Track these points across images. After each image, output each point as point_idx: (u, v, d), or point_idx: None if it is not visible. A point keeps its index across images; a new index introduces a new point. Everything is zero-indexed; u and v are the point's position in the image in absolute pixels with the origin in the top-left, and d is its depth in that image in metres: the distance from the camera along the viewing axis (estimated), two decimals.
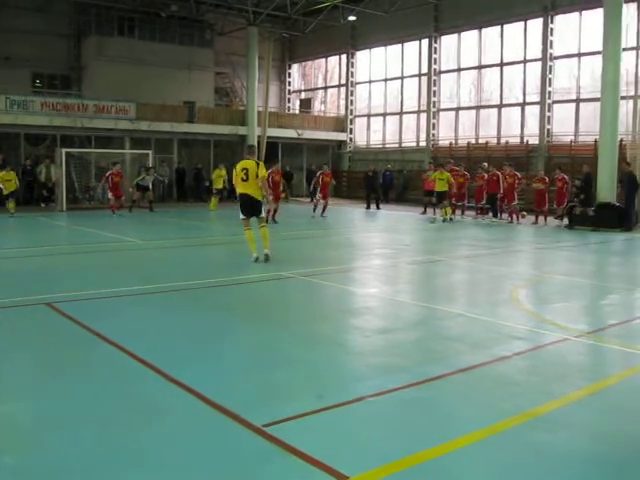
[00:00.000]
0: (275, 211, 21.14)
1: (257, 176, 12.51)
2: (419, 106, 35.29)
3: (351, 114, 39.32)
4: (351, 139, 39.39)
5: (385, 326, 8.09)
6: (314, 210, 23.79)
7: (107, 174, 24.03)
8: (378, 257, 14.51)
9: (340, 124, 39.30)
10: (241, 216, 12.84)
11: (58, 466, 4.21)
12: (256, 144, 33.84)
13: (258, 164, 12.66)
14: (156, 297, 9.66)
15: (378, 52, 37.37)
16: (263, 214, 13.03)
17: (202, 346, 6.98)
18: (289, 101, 43.61)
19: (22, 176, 28.33)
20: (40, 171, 28.39)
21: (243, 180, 12.58)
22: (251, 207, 12.74)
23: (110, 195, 23.84)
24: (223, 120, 34.76)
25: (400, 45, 35.76)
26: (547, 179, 23.09)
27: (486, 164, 25.13)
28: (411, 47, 35.34)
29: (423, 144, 34.69)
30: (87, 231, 18.53)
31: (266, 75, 35.73)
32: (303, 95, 43.74)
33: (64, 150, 26.55)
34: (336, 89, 41.05)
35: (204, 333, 7.52)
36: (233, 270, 12.26)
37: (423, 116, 34.89)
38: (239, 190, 12.73)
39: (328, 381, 5.91)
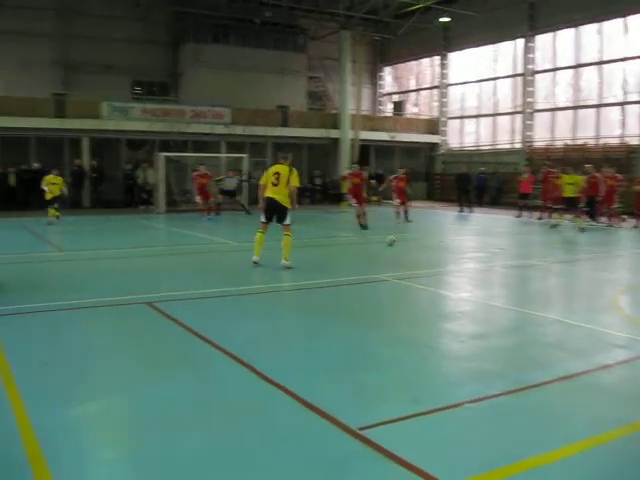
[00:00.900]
0: (362, 215, 21.16)
1: (288, 182, 12.22)
2: (514, 107, 34.63)
3: (444, 116, 38.93)
4: (444, 141, 39.00)
5: (480, 331, 7.99)
6: (397, 216, 23.10)
7: (194, 175, 23.86)
8: (472, 260, 14.33)
9: (433, 126, 38.97)
10: (262, 219, 12.53)
11: (159, 461, 4.34)
12: (349, 147, 34.18)
13: (291, 171, 12.34)
14: (251, 298, 9.82)
15: (471, 53, 36.87)
16: (288, 221, 12.42)
17: (297, 347, 7.07)
18: (381, 104, 43.55)
19: (123, 180, 29.40)
20: (138, 175, 29.32)
21: (273, 184, 12.25)
22: (275, 212, 12.38)
23: (198, 198, 23.30)
24: (315, 124, 35.05)
25: (494, 45, 35.18)
26: None
27: (589, 166, 24.38)
28: (505, 47, 34.72)
29: (518, 146, 34.00)
30: (183, 233, 19.00)
31: (358, 78, 35.79)
32: (395, 98, 43.57)
33: (162, 154, 27.31)
34: (429, 91, 40.75)
35: (299, 334, 7.63)
36: (328, 272, 12.34)
37: (518, 117, 34.22)
38: (267, 193, 12.33)
39: (424, 385, 5.88)
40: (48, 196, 21.04)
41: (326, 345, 7.18)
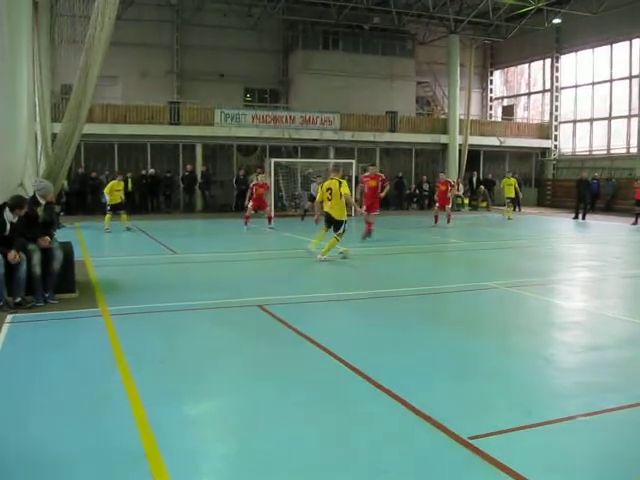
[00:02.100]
0: (448, 215, 22.17)
1: (341, 195, 13.59)
2: (629, 110, 33.39)
3: (556, 120, 37.97)
4: (556, 146, 38.03)
5: (595, 342, 7.78)
6: (435, 220, 22.93)
7: (252, 185, 22.13)
8: (585, 269, 13.95)
9: (544, 131, 38.08)
10: (323, 224, 14.30)
11: (271, 461, 4.46)
12: (457, 153, 33.88)
13: (340, 183, 13.69)
14: (359, 303, 9.91)
15: (585, 55, 35.82)
16: (340, 231, 13.75)
17: (405, 354, 7.09)
18: (491, 108, 42.89)
19: (235, 185, 30.12)
20: (252, 180, 29.90)
21: (328, 199, 13.78)
22: (331, 223, 13.96)
23: (250, 204, 21.30)
24: (424, 129, 34.93)
25: (609, 46, 34.03)
26: None
27: None
28: (621, 48, 33.51)
29: (634, 151, 32.78)
30: (293, 237, 19.28)
31: (468, 82, 35.42)
32: (505, 102, 42.85)
33: (273, 160, 27.83)
34: (540, 95, 39.81)
35: (406, 341, 7.64)
36: (437, 279, 12.32)
37: (634, 121, 32.97)
38: (325, 208, 14.02)
39: (535, 396, 5.80)
40: (109, 203, 20.64)
41: (437, 353, 7.17)
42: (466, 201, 33.80)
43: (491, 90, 42.96)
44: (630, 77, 33.14)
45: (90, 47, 10.15)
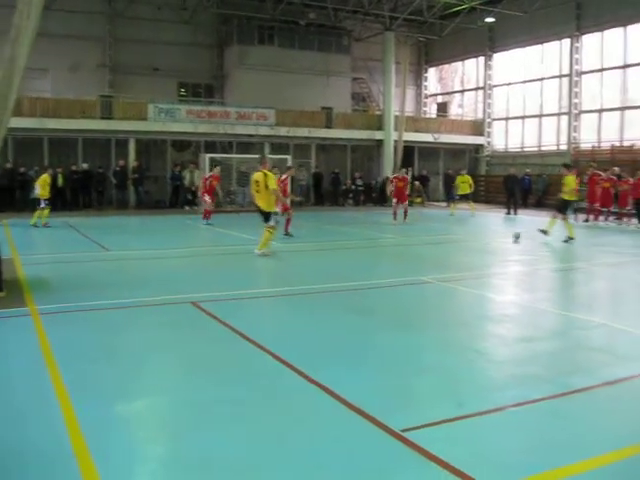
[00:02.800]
0: (404, 212, 22.02)
1: (267, 187, 13.60)
2: (559, 108, 34.19)
3: (489, 117, 38.62)
4: (489, 143, 38.68)
5: (525, 335, 7.93)
6: (395, 217, 22.66)
7: (206, 177, 22.44)
8: (517, 263, 14.21)
9: (477, 128, 38.70)
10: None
11: (205, 460, 4.39)
12: (392, 149, 34.15)
13: (267, 176, 13.72)
14: (295, 299, 9.89)
15: (517, 53, 36.49)
16: (271, 223, 13.92)
17: (340, 348, 7.08)
18: (425, 105, 43.37)
19: (169, 180, 29.79)
20: (185, 176, 29.65)
21: (256, 191, 13.90)
22: (262, 215, 14.01)
23: (207, 198, 21.54)
24: (360, 125, 35.09)
25: (540, 46, 34.75)
26: None
27: (617, 169, 24.21)
28: (552, 47, 34.25)
29: (564, 147, 33.58)
30: (228, 234, 19.15)
31: (403, 79, 35.70)
32: (440, 99, 43.39)
33: (207, 155, 27.56)
34: (473, 92, 40.44)
35: (343, 336, 7.64)
36: (372, 274, 12.36)
37: (564, 119, 33.78)
38: (254, 201, 14.23)
39: (467, 389, 5.86)
40: (44, 195, 19.99)
41: (370, 346, 7.19)
42: None
43: (426, 87, 43.42)
44: (560, 76, 33.90)
45: (16, 38, 9.84)
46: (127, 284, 10.93)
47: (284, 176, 18.39)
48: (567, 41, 32.96)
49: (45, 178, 20.21)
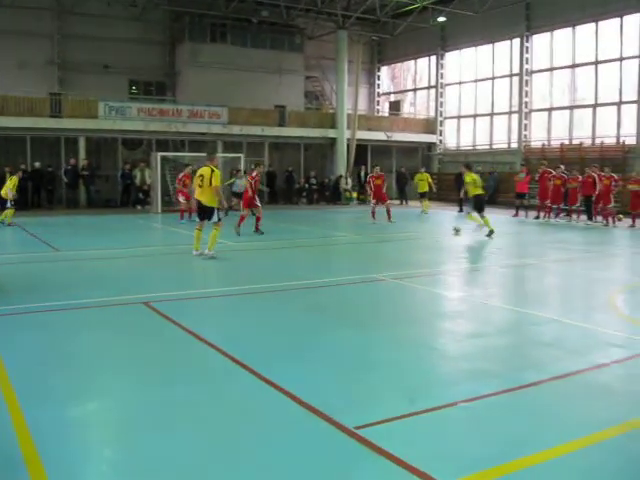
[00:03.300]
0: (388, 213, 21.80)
1: (210, 184, 13.17)
2: (510, 107, 34.62)
3: (441, 116, 38.93)
4: (441, 141, 39.01)
5: (476, 330, 8.00)
6: (373, 216, 22.09)
7: (180, 176, 22.27)
8: (468, 260, 14.35)
9: (430, 126, 38.99)
10: (197, 218, 13.89)
11: (154, 463, 4.34)
12: (346, 147, 34.21)
13: (213, 171, 13.25)
14: (247, 298, 9.81)
15: (468, 53, 36.90)
16: (215, 219, 13.38)
17: (293, 347, 7.07)
18: (378, 104, 43.55)
19: (120, 179, 29.40)
20: (136, 175, 29.32)
21: (199, 186, 13.38)
22: (204, 212, 13.48)
23: (182, 198, 21.80)
24: (313, 123, 35.07)
25: (491, 45, 35.17)
26: None
27: (563, 166, 24.73)
28: (502, 47, 34.68)
29: (515, 146, 34.03)
30: (181, 233, 18.98)
31: (355, 78, 35.80)
32: (392, 97, 43.60)
33: (159, 154, 27.27)
34: (425, 91, 40.73)
35: (295, 334, 7.63)
36: (325, 272, 12.36)
37: (515, 117, 34.23)
38: (196, 195, 13.61)
39: (419, 385, 5.89)
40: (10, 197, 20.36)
41: (322, 344, 7.19)
42: (354, 195, 34.22)
43: (378, 85, 43.60)
44: (511, 75, 34.35)
45: None
46: (78, 285, 10.73)
47: (255, 172, 18.30)
48: (517, 41, 33.40)
49: (15, 180, 20.44)
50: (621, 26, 28.92)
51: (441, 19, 35.23)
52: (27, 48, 31.17)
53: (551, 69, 32.49)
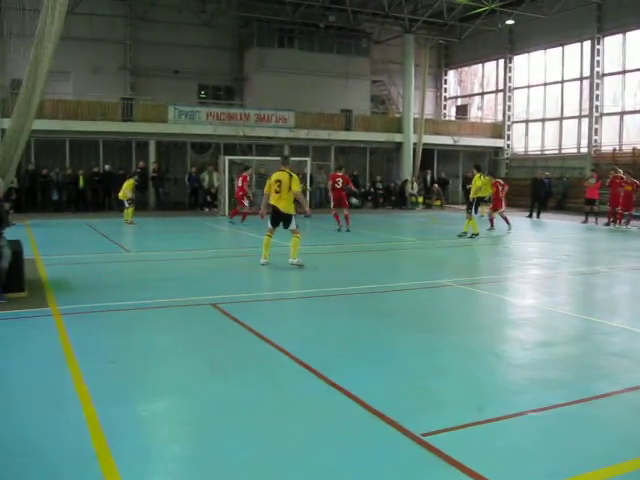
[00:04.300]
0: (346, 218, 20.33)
1: (290, 189, 12.49)
2: (580, 111, 33.92)
3: (509, 120, 38.44)
4: (508, 145, 38.50)
5: (545, 339, 7.89)
6: (337, 221, 20.39)
7: (244, 176, 22.50)
8: (537, 267, 14.14)
9: (497, 130, 38.53)
10: (268, 224, 12.98)
11: (224, 460, 4.41)
12: (412, 151, 34.05)
13: (291, 176, 12.56)
14: (315, 301, 9.90)
15: (537, 56, 36.31)
16: (293, 226, 12.64)
17: (360, 352, 7.09)
18: (445, 107, 43.23)
19: (188, 182, 29.91)
20: (204, 178, 29.80)
21: (276, 192, 12.57)
22: (279, 219, 12.77)
23: (246, 201, 22.23)
24: (379, 127, 35.04)
25: (560, 48, 34.54)
26: None
27: (620, 171, 24.17)
28: (572, 49, 34.02)
29: (584, 150, 33.36)
30: (247, 235, 19.20)
31: (422, 82, 35.66)
32: (459, 101, 43.27)
33: (227, 157, 27.63)
34: (493, 95, 40.27)
35: (362, 339, 7.65)
36: (392, 277, 12.36)
37: (585, 121, 33.54)
38: (271, 201, 12.72)
39: (487, 393, 5.85)
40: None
41: (390, 349, 7.19)
42: (420, 199, 34.06)
43: (445, 90, 43.28)
44: (581, 78, 33.69)
45: (40, 41, 9.98)
46: (148, 285, 10.97)
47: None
48: (588, 43, 32.73)
49: (132, 182, 22.18)
50: None
51: (509, 22, 34.79)
52: (101, 54, 32.07)
53: (623, 72, 31.72)
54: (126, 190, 21.87)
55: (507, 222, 21.07)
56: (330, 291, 10.52)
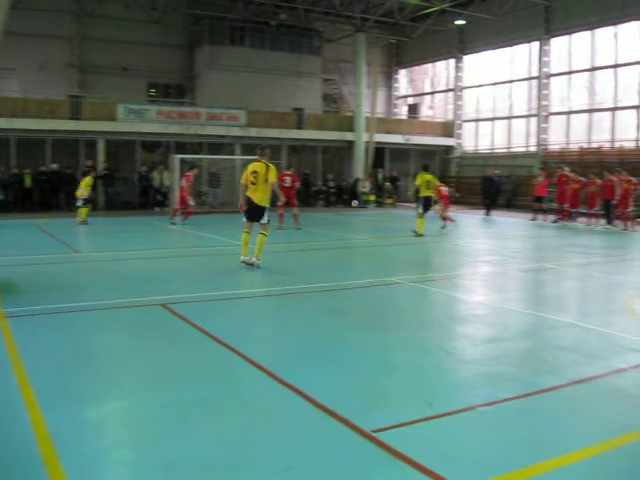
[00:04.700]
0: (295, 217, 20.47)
1: (266, 180, 12.19)
2: (529, 110, 34.52)
3: (459, 119, 38.88)
4: (459, 144, 38.93)
5: (495, 335, 7.97)
6: (281, 220, 20.32)
7: (190, 175, 21.97)
8: (487, 264, 14.30)
9: (448, 129, 38.92)
10: (244, 218, 12.56)
11: (174, 463, 4.35)
12: (363, 150, 34.20)
13: (268, 167, 12.26)
14: (267, 300, 9.86)
15: (487, 56, 36.78)
16: (264, 220, 12.33)
17: (311, 350, 7.07)
18: (396, 107, 43.53)
19: (138, 181, 29.56)
20: (154, 177, 29.48)
21: (252, 183, 12.21)
22: (253, 212, 12.35)
23: (191, 200, 22.01)
24: (331, 126, 35.11)
25: (509, 48, 35.07)
26: None
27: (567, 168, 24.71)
28: (521, 50, 34.59)
29: (533, 149, 33.93)
30: (199, 235, 19.04)
31: (373, 81, 35.81)
32: (410, 100, 43.57)
33: (177, 156, 27.39)
34: (444, 94, 40.69)
35: (315, 338, 7.62)
36: (343, 274, 12.36)
37: (533, 120, 34.13)
38: (247, 193, 12.33)
39: (438, 389, 5.88)
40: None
41: (340, 347, 7.19)
42: (372, 198, 34.22)
43: (396, 88, 43.58)
44: (529, 78, 34.23)
45: None
46: (97, 286, 10.79)
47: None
48: (536, 44, 33.29)
49: (89, 180, 21.88)
50: None
51: (459, 22, 35.17)
52: (47, 50, 31.47)
53: (570, 72, 32.32)
54: (83, 188, 21.51)
55: (444, 220, 21.29)
56: (283, 290, 10.49)
